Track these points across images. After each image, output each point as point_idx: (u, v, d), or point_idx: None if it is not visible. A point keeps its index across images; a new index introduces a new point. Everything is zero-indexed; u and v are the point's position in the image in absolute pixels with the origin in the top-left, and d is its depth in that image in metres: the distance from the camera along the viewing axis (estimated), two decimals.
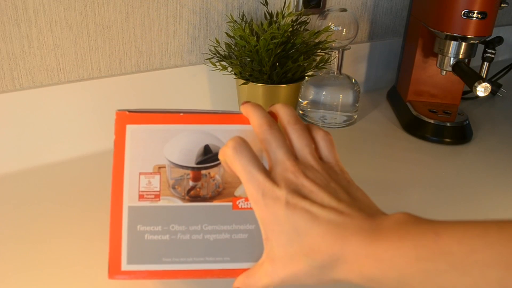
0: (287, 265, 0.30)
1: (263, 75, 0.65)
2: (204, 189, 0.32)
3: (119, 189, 0.33)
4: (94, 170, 0.63)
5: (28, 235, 0.49)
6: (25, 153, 0.62)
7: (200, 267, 0.32)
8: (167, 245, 0.32)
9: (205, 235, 0.32)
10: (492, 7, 0.68)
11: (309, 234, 0.29)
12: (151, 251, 0.32)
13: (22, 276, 0.43)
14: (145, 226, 0.32)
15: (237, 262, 0.32)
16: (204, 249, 0.32)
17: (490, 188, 0.62)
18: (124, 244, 0.33)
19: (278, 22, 0.67)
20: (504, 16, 1.25)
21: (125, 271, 0.32)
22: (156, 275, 0.32)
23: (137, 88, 0.68)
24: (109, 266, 0.33)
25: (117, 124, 0.33)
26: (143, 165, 0.33)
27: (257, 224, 0.33)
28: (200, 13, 0.72)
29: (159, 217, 0.32)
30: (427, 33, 0.79)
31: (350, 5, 0.90)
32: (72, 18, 0.61)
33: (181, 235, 0.32)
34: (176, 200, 0.32)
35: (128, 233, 0.32)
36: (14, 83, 0.60)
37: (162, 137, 0.32)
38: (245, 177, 0.30)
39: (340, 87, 0.79)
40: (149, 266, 0.32)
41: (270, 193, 0.30)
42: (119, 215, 0.33)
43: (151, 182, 0.32)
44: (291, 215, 0.30)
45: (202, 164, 0.32)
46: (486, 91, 0.68)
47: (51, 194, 0.57)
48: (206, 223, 0.32)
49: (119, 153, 0.33)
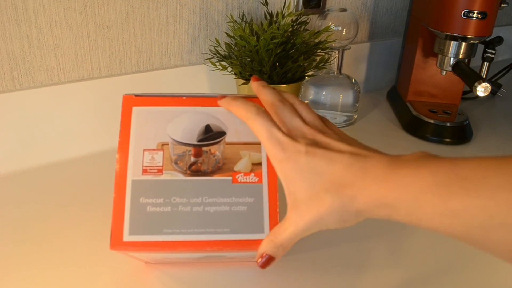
0: (310, 206, 0.32)
1: (263, 75, 0.65)
2: (205, 164, 0.34)
3: (123, 165, 0.34)
4: (94, 170, 0.63)
5: (28, 235, 0.49)
6: (25, 153, 0.62)
7: (200, 238, 0.33)
8: (169, 216, 0.33)
9: (205, 207, 0.33)
10: (492, 7, 0.68)
11: (331, 172, 0.31)
12: (153, 223, 0.33)
13: (23, 276, 0.43)
14: (147, 198, 0.33)
15: (237, 233, 0.33)
16: (205, 220, 0.33)
17: None
18: (126, 216, 0.33)
19: (278, 22, 0.67)
20: (504, 16, 1.25)
21: (126, 242, 0.32)
22: (157, 246, 0.32)
23: (137, 88, 0.68)
24: (111, 237, 0.33)
25: (124, 107, 0.35)
26: (147, 142, 0.34)
27: (256, 197, 0.34)
28: (200, 13, 0.72)
29: (161, 190, 0.33)
30: (427, 33, 0.79)
31: (350, 5, 0.90)
32: (72, 18, 0.61)
33: (182, 207, 0.33)
34: (178, 175, 0.33)
35: (131, 205, 0.33)
36: (14, 83, 0.60)
37: (166, 118, 0.34)
38: (266, 136, 0.33)
39: (340, 87, 0.79)
40: (151, 237, 0.32)
41: (291, 147, 0.32)
42: (123, 188, 0.34)
43: (154, 158, 0.34)
44: (312, 160, 0.32)
45: (203, 141, 0.34)
46: (486, 91, 0.68)
47: (51, 194, 0.57)
48: (206, 195, 0.33)
49: (124, 132, 0.34)
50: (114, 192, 0.34)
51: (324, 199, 0.31)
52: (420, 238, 0.51)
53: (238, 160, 0.34)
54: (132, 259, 0.40)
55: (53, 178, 0.60)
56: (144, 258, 0.38)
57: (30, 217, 0.52)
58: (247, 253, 0.36)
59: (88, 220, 0.52)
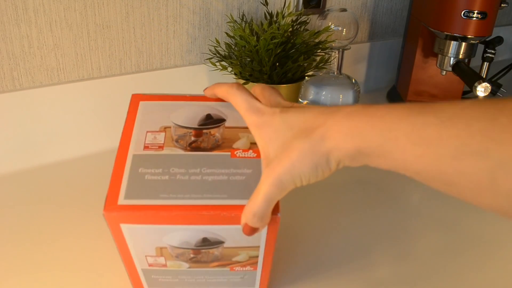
0: (281, 158, 0.31)
1: (263, 75, 0.65)
2: (205, 143, 0.35)
3: (126, 143, 0.35)
4: (94, 170, 0.63)
5: (28, 235, 0.49)
6: (25, 153, 0.62)
7: (197, 202, 0.32)
8: (166, 183, 0.33)
9: (203, 177, 0.33)
10: (492, 7, 0.68)
11: (302, 121, 0.32)
12: (149, 188, 0.33)
13: (23, 276, 0.43)
14: (146, 169, 0.34)
15: (234, 199, 0.33)
16: (202, 187, 0.33)
17: None
18: (123, 183, 0.33)
19: (278, 22, 0.67)
20: (504, 16, 1.25)
21: (121, 205, 0.31)
22: (152, 209, 0.32)
23: (137, 88, 0.68)
24: (106, 202, 0.32)
25: (131, 103, 0.37)
26: (151, 125, 0.36)
27: (254, 169, 0.34)
28: (200, 13, 0.72)
29: (161, 162, 0.34)
30: (427, 33, 0.79)
31: (350, 5, 0.90)
32: (72, 18, 0.61)
33: (180, 176, 0.33)
34: (178, 151, 0.35)
35: (129, 174, 0.33)
36: (14, 83, 0.60)
37: (170, 108, 0.37)
38: (246, 106, 0.34)
39: (340, 87, 0.79)
40: (146, 201, 0.32)
41: (268, 111, 0.34)
42: (123, 161, 0.34)
43: (156, 138, 0.35)
44: (285, 117, 0.33)
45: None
46: (486, 91, 0.68)
47: (51, 194, 0.57)
48: (205, 167, 0.34)
49: (130, 120, 0.37)
50: (114, 164, 0.34)
51: (294, 146, 0.30)
52: (424, 242, 0.51)
53: (237, 140, 0.36)
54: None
55: (53, 178, 0.60)
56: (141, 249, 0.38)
57: (30, 217, 0.52)
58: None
59: (88, 220, 0.52)
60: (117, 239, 0.34)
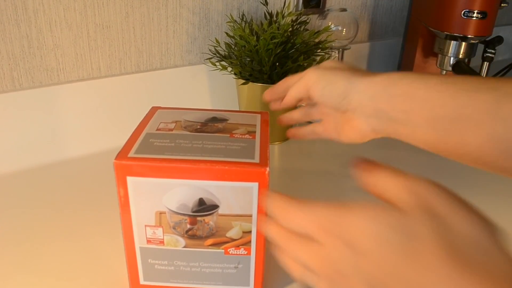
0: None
1: (263, 75, 0.65)
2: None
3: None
4: (94, 170, 0.63)
5: (28, 235, 0.49)
6: (25, 153, 0.62)
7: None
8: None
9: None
10: (492, 7, 0.68)
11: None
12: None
13: (23, 276, 0.43)
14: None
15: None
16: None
17: (491, 188, 0.62)
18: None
19: (278, 22, 0.67)
20: (504, 16, 1.25)
21: (131, 157, 0.36)
22: (156, 161, 0.35)
23: (137, 88, 0.68)
24: (118, 154, 0.36)
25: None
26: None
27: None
28: (200, 13, 0.72)
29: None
30: (427, 33, 0.79)
31: (350, 5, 0.90)
32: (72, 18, 0.61)
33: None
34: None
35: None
36: (14, 83, 0.60)
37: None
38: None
39: None
40: (152, 156, 0.36)
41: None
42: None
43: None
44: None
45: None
46: None
47: (51, 194, 0.57)
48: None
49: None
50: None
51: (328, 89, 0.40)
52: None
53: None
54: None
55: (53, 178, 0.60)
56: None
57: (29, 217, 0.52)
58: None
59: (88, 220, 0.52)
60: (121, 202, 0.37)
